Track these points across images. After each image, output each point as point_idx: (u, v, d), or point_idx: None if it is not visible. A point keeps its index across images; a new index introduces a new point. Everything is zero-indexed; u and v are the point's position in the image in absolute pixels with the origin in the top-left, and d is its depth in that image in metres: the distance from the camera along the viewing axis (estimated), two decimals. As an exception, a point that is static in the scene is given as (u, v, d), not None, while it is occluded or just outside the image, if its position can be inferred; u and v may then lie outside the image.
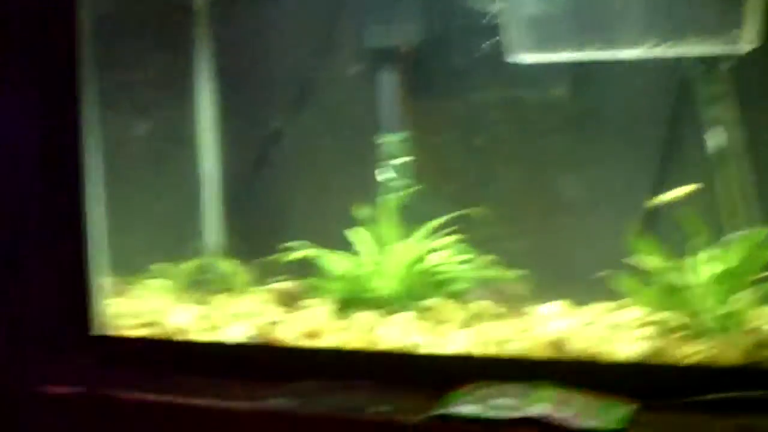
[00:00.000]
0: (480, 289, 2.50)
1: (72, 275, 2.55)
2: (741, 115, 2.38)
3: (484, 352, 2.25)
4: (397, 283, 2.51)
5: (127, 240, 2.72)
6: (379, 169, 2.72)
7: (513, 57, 2.41)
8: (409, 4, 2.68)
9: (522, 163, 2.68)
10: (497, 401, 2.00)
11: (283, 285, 2.69)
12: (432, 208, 2.59)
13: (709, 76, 2.38)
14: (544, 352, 2.20)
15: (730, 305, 2.18)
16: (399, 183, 2.70)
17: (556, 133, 2.64)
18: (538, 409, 1.95)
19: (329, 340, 2.38)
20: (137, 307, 2.70)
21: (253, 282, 2.85)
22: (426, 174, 2.70)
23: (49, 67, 2.55)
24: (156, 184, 2.90)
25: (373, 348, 2.33)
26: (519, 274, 2.50)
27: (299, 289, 2.67)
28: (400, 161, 2.71)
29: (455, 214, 2.52)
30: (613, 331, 2.28)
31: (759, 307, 2.23)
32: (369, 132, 2.75)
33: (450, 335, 2.33)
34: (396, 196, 2.64)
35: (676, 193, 2.38)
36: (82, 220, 2.55)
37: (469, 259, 2.52)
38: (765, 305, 2.26)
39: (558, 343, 2.19)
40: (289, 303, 2.65)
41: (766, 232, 2.27)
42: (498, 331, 2.33)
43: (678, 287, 2.23)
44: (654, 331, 2.21)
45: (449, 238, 2.54)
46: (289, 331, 2.42)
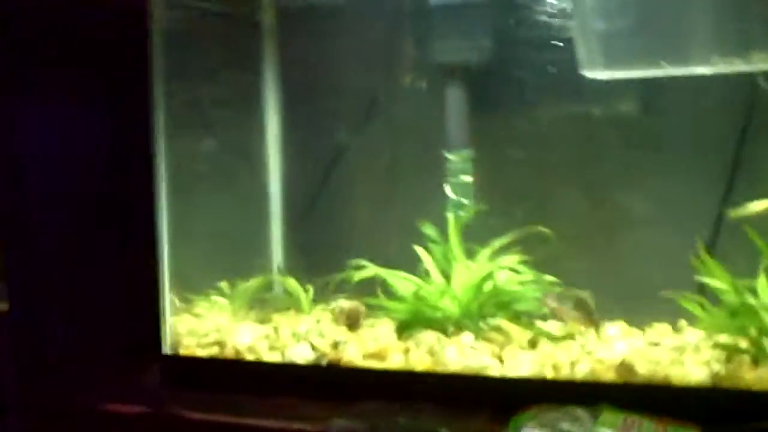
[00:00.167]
0: (550, 297, 2.47)
1: (145, 293, 2.58)
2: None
3: (548, 373, 2.24)
4: (464, 303, 2.50)
5: (191, 256, 2.74)
6: (445, 186, 2.72)
7: (586, 73, 2.41)
8: (479, 19, 2.67)
9: (589, 181, 2.67)
10: (563, 426, 1.99)
11: (346, 304, 2.69)
12: (496, 227, 2.59)
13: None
14: (609, 375, 2.19)
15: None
16: (464, 201, 2.69)
17: (624, 150, 2.62)
18: (605, 434, 1.95)
19: (394, 361, 2.38)
20: (201, 325, 2.71)
21: (315, 300, 2.86)
22: (491, 191, 2.69)
23: (122, 83, 2.58)
24: (221, 201, 2.91)
25: (438, 369, 2.32)
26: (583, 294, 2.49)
27: (361, 308, 2.67)
28: (466, 178, 2.70)
29: (520, 233, 2.51)
30: (678, 353, 2.26)
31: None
32: (435, 148, 2.74)
33: (515, 356, 2.33)
34: (462, 214, 2.64)
35: (756, 206, 2.34)
36: (156, 237, 2.57)
37: (533, 279, 2.51)
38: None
39: (623, 366, 2.18)
40: (352, 322, 2.66)
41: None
42: (563, 352, 2.32)
43: (746, 309, 2.20)
44: (720, 354, 2.19)
45: (513, 257, 2.53)
46: (354, 352, 2.42)
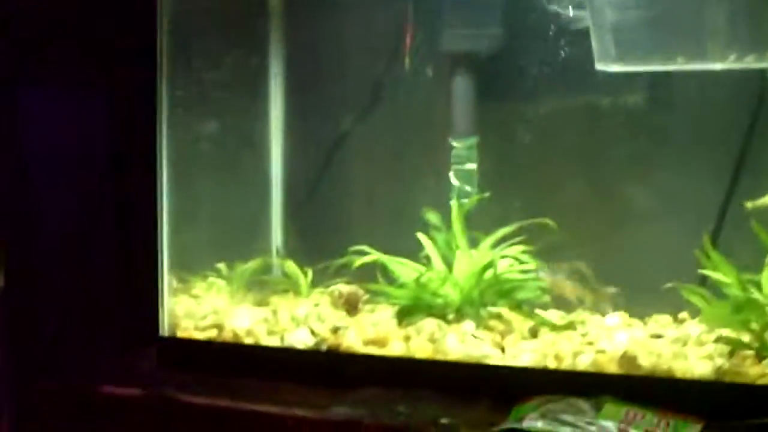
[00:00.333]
0: (549, 272, 2.46)
1: (143, 274, 2.56)
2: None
3: (550, 363, 2.23)
4: (465, 290, 2.49)
5: (189, 238, 2.72)
6: (450, 174, 2.70)
7: (598, 65, 2.39)
8: (487, 7, 2.65)
9: (594, 171, 2.66)
10: (565, 417, 1.98)
11: (345, 288, 2.68)
12: (500, 215, 2.58)
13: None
14: (611, 367, 2.17)
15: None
16: (468, 188, 2.67)
17: (631, 142, 2.61)
18: (607, 426, 1.93)
19: (394, 348, 2.36)
20: (199, 307, 2.70)
21: (313, 284, 2.85)
22: (496, 180, 2.68)
23: (127, 64, 2.56)
24: (223, 183, 2.89)
25: (438, 357, 2.31)
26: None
27: (360, 292, 2.66)
28: (471, 166, 2.69)
29: (523, 222, 2.50)
30: (680, 346, 2.25)
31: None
32: (440, 136, 2.73)
33: (517, 345, 2.32)
34: (465, 201, 2.62)
35: None
36: (155, 218, 2.55)
37: (536, 268, 2.50)
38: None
39: (626, 358, 2.16)
40: (351, 306, 2.64)
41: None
42: (565, 342, 2.31)
43: (750, 303, 2.19)
44: (724, 348, 2.18)
45: (517, 247, 2.52)
46: (354, 338, 2.40)
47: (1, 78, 2.61)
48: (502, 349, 2.31)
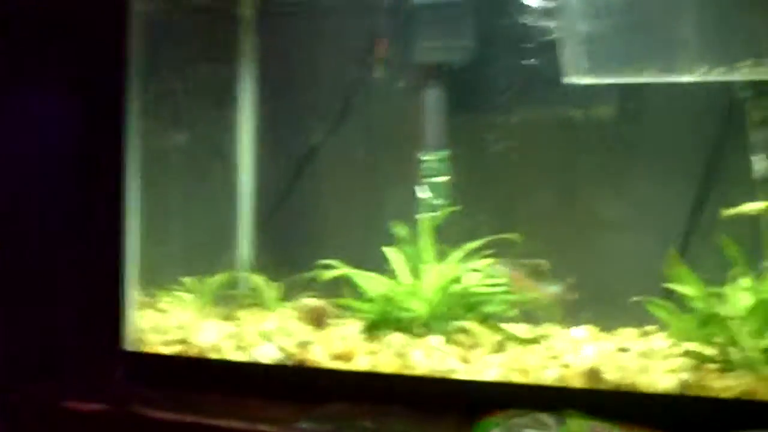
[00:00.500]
0: (501, 265, 2.46)
1: (107, 288, 2.54)
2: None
3: (516, 378, 2.22)
4: (433, 304, 2.49)
5: (156, 251, 2.70)
6: (418, 187, 2.70)
7: (569, 77, 2.40)
8: (459, 20, 2.65)
9: (564, 184, 2.67)
10: (530, 431, 1.98)
11: (311, 302, 2.67)
12: (470, 227, 2.58)
13: (758, 100, 2.35)
14: (577, 381, 2.17)
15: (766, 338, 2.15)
16: (437, 202, 2.67)
17: (600, 154, 2.62)
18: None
19: (361, 362, 2.36)
20: (165, 321, 2.68)
21: (281, 298, 2.84)
22: (466, 193, 2.68)
23: (96, 75, 2.54)
24: (191, 196, 2.88)
25: (405, 372, 2.30)
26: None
27: (327, 306, 2.65)
28: (440, 180, 2.69)
29: (490, 238, 2.50)
30: (646, 359, 2.26)
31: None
32: (410, 149, 2.73)
33: (483, 359, 2.32)
34: (433, 215, 2.62)
35: (748, 207, 2.33)
36: (120, 231, 2.53)
37: (503, 282, 2.50)
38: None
39: (592, 372, 2.16)
40: (318, 321, 2.63)
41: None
42: (530, 356, 2.31)
43: (714, 317, 2.20)
44: (689, 362, 2.18)
45: (485, 261, 2.52)
46: (320, 352, 2.39)
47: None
48: (469, 363, 2.30)
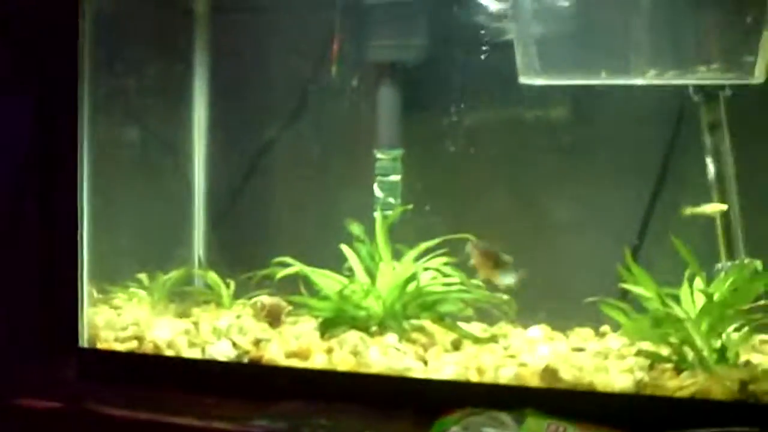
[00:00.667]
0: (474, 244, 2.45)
1: (62, 284, 2.52)
2: (739, 144, 2.38)
3: (472, 376, 2.23)
4: (388, 303, 2.48)
5: (111, 247, 2.68)
6: (373, 186, 2.69)
7: (522, 78, 2.42)
8: (413, 17, 2.65)
9: (518, 184, 2.68)
10: (488, 430, 1.98)
11: (267, 300, 2.65)
12: (424, 227, 2.58)
13: (709, 104, 2.37)
14: (533, 380, 2.18)
15: (720, 337, 2.17)
16: (392, 201, 2.67)
17: (554, 154, 2.63)
18: (529, 440, 1.95)
19: (317, 361, 2.35)
20: (120, 318, 2.66)
21: (235, 295, 2.82)
22: (420, 192, 2.68)
23: (48, 71, 2.52)
24: (145, 192, 2.86)
25: (361, 370, 2.30)
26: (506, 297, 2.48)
27: (283, 304, 2.64)
28: (395, 178, 2.69)
29: (445, 237, 2.50)
30: (602, 359, 2.27)
31: (750, 340, 2.23)
32: (365, 147, 2.73)
33: (439, 358, 2.32)
34: (389, 214, 2.61)
35: (708, 208, 2.36)
36: (76, 228, 2.50)
37: (459, 281, 2.50)
38: (756, 337, 2.26)
39: (548, 371, 2.17)
40: (273, 318, 2.62)
41: (757, 263, 2.27)
42: (487, 355, 2.32)
43: (668, 317, 2.21)
44: (644, 361, 2.20)
45: (440, 259, 2.52)
46: (276, 350, 2.38)
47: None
48: (425, 362, 2.30)
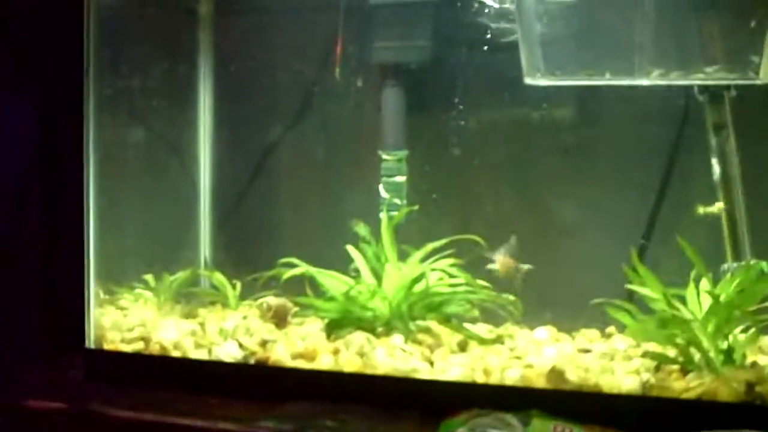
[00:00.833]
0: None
1: (69, 285, 2.52)
2: (744, 145, 2.38)
3: (478, 378, 2.23)
4: (394, 304, 2.48)
5: (117, 248, 2.68)
6: (379, 187, 2.69)
7: (527, 79, 2.41)
8: (420, 19, 2.65)
9: (524, 185, 2.68)
10: (494, 431, 1.98)
11: (273, 300, 2.65)
12: (429, 228, 2.58)
13: (714, 105, 2.37)
14: (540, 381, 2.18)
15: (727, 339, 2.16)
16: (398, 201, 2.67)
17: (560, 155, 2.63)
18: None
19: (323, 362, 2.35)
20: (126, 319, 2.66)
21: (242, 296, 2.82)
22: (426, 192, 2.68)
23: (54, 72, 2.52)
24: (151, 193, 2.86)
25: (367, 371, 2.30)
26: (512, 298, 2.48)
27: (289, 305, 2.64)
28: (400, 179, 2.68)
29: (452, 238, 2.50)
30: (608, 360, 2.27)
31: (757, 341, 2.22)
32: (370, 148, 2.72)
33: (445, 359, 2.31)
34: (395, 215, 2.61)
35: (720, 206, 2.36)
36: (82, 229, 2.51)
37: (464, 282, 2.50)
38: (762, 339, 2.26)
39: (554, 372, 2.17)
40: (280, 319, 2.62)
41: (764, 264, 2.27)
42: (493, 356, 2.32)
43: (674, 318, 2.21)
44: (650, 363, 2.19)
45: (446, 261, 2.52)
46: (282, 351, 2.38)
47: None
48: (431, 363, 2.30)
